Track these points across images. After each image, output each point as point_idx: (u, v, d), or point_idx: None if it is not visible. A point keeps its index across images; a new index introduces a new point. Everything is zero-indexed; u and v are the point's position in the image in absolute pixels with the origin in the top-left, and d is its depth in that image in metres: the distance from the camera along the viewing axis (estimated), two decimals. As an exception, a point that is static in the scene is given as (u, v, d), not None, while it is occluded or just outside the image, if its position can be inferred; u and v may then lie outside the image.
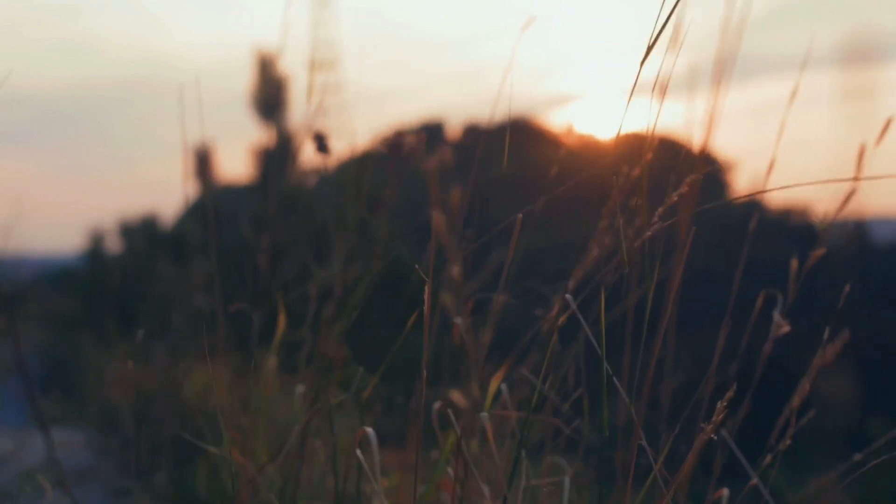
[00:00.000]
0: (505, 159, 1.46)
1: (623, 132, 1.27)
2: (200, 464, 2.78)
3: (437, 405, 1.31)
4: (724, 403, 1.18)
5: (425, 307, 1.15)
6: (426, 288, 1.13)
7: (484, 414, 1.27)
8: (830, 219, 1.32)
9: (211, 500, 2.60)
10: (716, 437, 1.20)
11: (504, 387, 1.48)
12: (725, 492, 1.21)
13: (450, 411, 1.31)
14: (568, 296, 1.23)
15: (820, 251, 1.41)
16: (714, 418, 1.18)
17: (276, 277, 2.14)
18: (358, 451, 1.35)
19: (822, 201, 1.36)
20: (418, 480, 1.27)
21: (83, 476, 3.99)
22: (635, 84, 1.18)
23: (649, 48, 1.16)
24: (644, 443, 1.23)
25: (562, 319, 1.28)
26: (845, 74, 1.03)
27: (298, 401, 1.89)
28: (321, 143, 1.67)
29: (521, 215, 1.25)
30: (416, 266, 1.14)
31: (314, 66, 2.20)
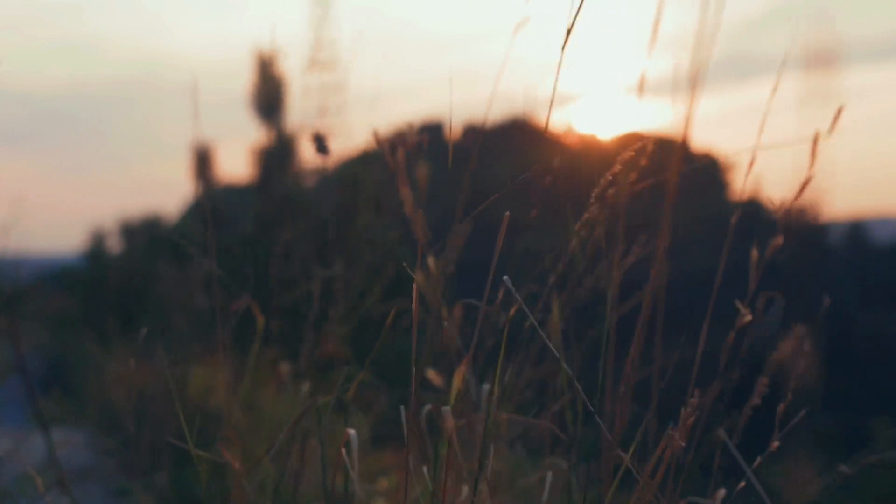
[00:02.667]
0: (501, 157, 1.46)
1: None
2: (200, 464, 2.77)
3: (426, 408, 1.31)
4: (699, 393, 1.18)
5: (413, 305, 1.14)
6: (413, 286, 1.13)
7: (446, 408, 1.26)
8: (787, 207, 1.33)
9: (210, 500, 2.60)
10: (690, 425, 1.20)
11: (486, 387, 1.47)
12: (722, 492, 1.20)
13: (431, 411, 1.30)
14: (506, 277, 1.23)
15: (779, 240, 1.42)
16: (694, 400, 1.18)
17: (278, 277, 2.14)
18: (343, 452, 1.35)
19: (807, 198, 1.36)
20: (415, 482, 1.28)
21: (83, 476, 3.99)
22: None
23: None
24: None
25: (512, 312, 1.28)
26: (807, 78, 1.04)
27: (299, 401, 1.89)
28: (321, 144, 1.67)
29: (508, 213, 1.24)
30: (404, 264, 1.14)
31: (314, 66, 2.19)
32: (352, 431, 1.33)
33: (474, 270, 1.79)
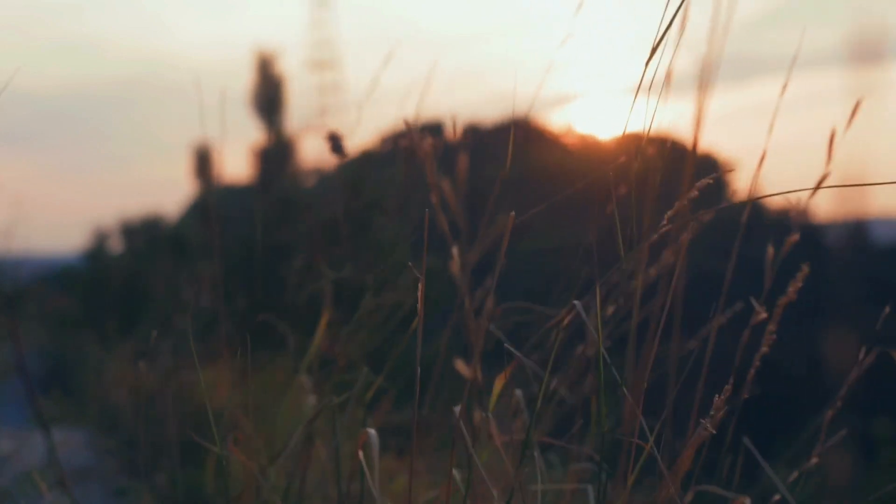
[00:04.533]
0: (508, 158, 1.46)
1: (623, 132, 1.28)
2: (202, 464, 2.77)
3: (456, 409, 1.30)
4: (723, 398, 1.18)
5: (419, 305, 1.14)
6: (419, 286, 1.12)
7: (487, 414, 1.26)
8: (800, 208, 1.33)
9: (213, 500, 2.60)
10: (713, 432, 1.20)
11: (519, 392, 1.47)
12: (747, 501, 1.19)
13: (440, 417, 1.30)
14: (577, 302, 1.23)
15: (794, 237, 1.42)
16: (714, 414, 1.18)
17: (280, 277, 2.14)
18: (360, 454, 1.34)
19: (818, 200, 1.36)
20: (426, 486, 1.28)
21: (83, 476, 3.99)
22: (630, 84, 1.19)
23: (654, 49, 1.16)
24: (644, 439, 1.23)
25: (566, 321, 1.28)
26: (849, 73, 1.03)
27: (304, 402, 1.89)
28: (336, 144, 1.64)
29: (513, 214, 1.24)
30: (410, 264, 1.14)
31: (314, 65, 2.20)
32: (371, 431, 1.32)
33: (476, 272, 1.79)
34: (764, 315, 1.39)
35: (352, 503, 1.55)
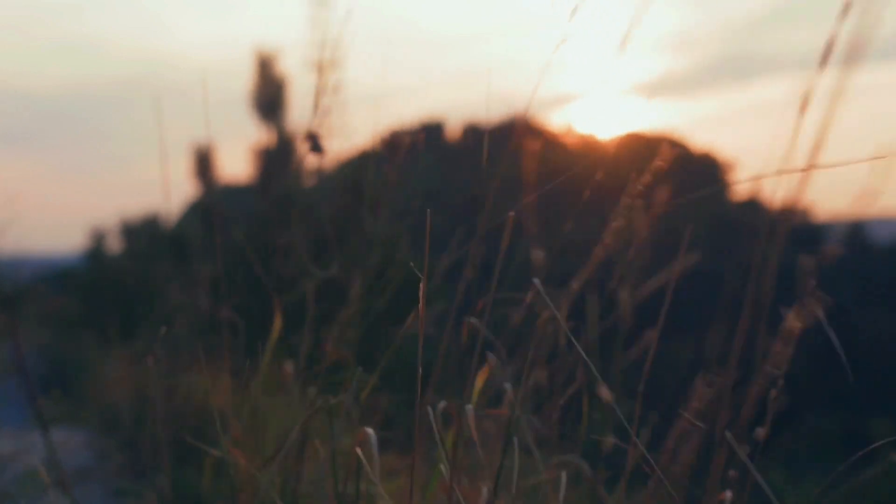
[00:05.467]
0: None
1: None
2: (202, 464, 2.77)
3: (441, 405, 1.30)
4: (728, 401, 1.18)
5: (420, 305, 1.14)
6: (420, 286, 1.13)
7: (468, 406, 1.26)
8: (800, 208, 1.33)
9: (212, 500, 2.60)
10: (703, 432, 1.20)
11: (509, 385, 1.47)
12: (728, 495, 1.19)
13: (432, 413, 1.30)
14: (536, 280, 1.23)
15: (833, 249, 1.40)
16: (697, 404, 1.18)
17: (278, 277, 2.14)
18: (359, 452, 1.34)
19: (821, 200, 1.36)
20: (421, 484, 1.28)
21: (83, 476, 3.99)
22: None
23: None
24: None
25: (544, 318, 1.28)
26: (831, 74, 1.03)
27: (300, 402, 1.89)
28: (315, 143, 1.65)
29: (512, 213, 1.24)
30: (412, 265, 1.14)
31: (314, 66, 2.20)
32: (369, 430, 1.32)
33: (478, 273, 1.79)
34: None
35: (350, 502, 1.55)
